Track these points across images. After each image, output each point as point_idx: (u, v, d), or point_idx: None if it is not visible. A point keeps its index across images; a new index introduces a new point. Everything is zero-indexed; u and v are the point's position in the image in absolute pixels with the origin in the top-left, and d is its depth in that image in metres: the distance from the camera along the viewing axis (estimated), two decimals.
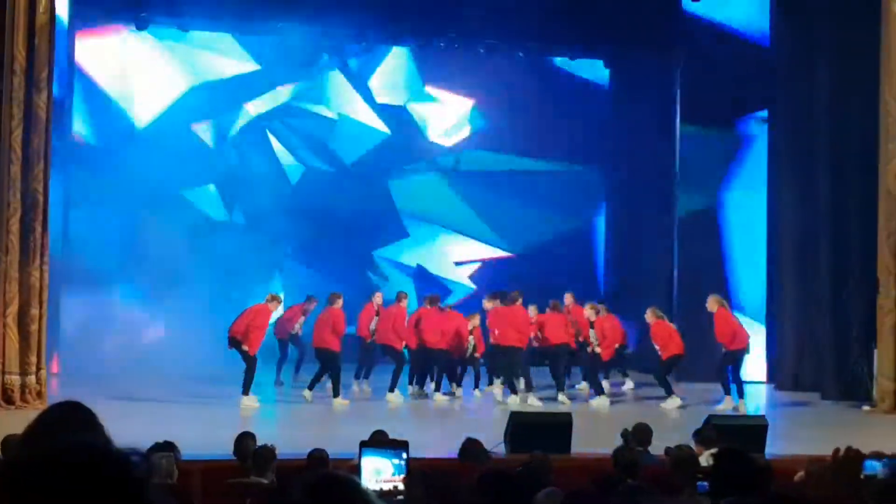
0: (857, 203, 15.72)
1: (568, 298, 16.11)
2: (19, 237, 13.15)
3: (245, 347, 13.75)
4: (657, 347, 14.67)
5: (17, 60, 13.03)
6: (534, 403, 14.05)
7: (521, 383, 14.81)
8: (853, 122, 15.77)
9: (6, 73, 13.03)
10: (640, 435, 8.70)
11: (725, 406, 13.95)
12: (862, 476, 4.31)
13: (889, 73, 14.28)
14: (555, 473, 6.65)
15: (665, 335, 14.69)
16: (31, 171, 13.17)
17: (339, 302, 14.48)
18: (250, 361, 13.75)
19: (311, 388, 14.27)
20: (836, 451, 4.75)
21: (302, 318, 16.14)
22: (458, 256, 20.67)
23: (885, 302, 14.31)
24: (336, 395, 14.13)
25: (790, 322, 17.20)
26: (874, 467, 5.66)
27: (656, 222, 19.57)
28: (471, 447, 8.07)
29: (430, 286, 18.65)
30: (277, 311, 15.13)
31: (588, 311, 15.23)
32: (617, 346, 15.14)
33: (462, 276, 20.54)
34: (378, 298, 15.60)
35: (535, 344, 15.18)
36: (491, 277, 19.76)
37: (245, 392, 13.69)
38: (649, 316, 14.89)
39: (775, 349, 17.52)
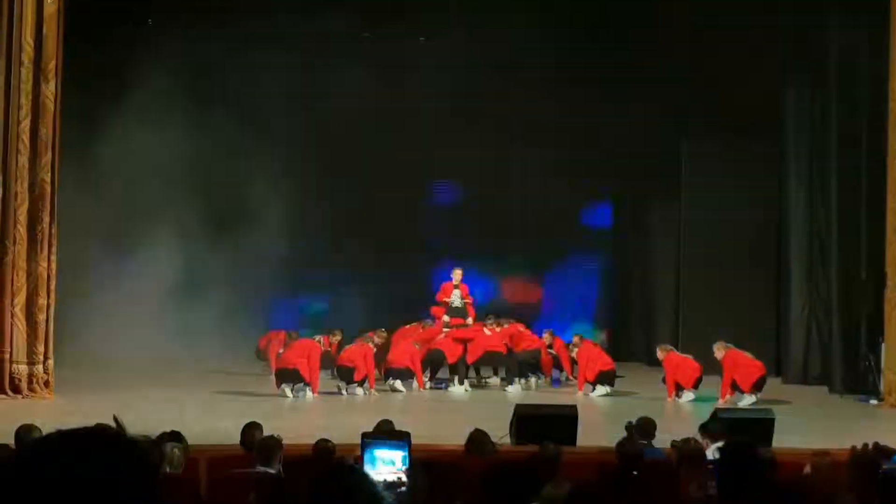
0: (866, 196, 15.69)
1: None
2: (27, 227, 13.18)
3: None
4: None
5: (25, 51, 13.04)
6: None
7: None
8: (862, 116, 15.73)
9: (14, 63, 13.04)
10: (644, 428, 8.67)
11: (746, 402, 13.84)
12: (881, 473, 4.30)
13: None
14: (561, 466, 6.65)
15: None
16: (39, 161, 13.19)
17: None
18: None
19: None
20: (854, 448, 4.75)
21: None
22: None
23: (892, 296, 14.27)
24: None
25: (798, 315, 17.18)
26: None
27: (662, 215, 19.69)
28: (477, 438, 8.05)
29: None
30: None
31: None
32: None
33: None
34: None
35: None
36: None
37: None
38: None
39: (783, 343, 17.54)
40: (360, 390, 14.62)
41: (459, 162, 19.09)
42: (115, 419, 1.71)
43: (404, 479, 4.05)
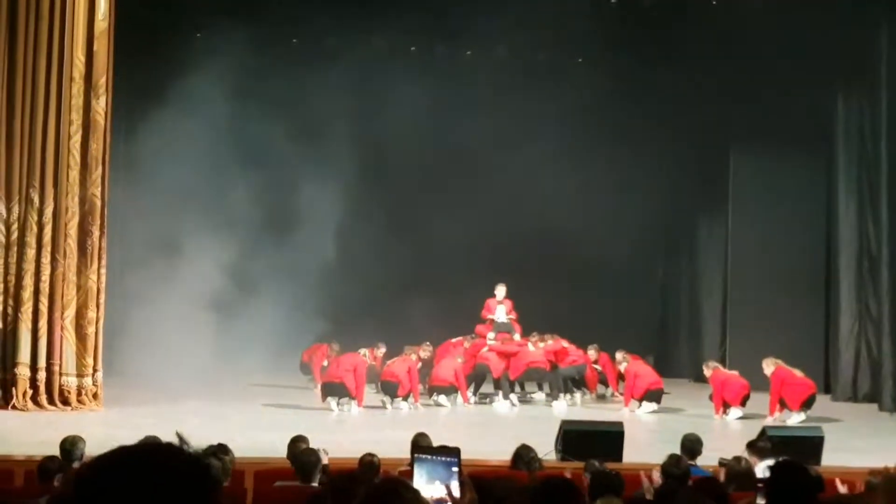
0: None
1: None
2: (77, 241, 13.35)
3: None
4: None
5: (76, 67, 13.24)
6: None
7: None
8: None
9: (65, 79, 13.24)
10: (689, 446, 8.58)
11: (794, 420, 13.70)
12: None
13: None
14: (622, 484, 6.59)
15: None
16: (90, 176, 13.36)
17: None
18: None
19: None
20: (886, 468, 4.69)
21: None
22: None
23: None
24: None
25: (848, 332, 16.98)
26: None
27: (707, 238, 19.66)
28: (524, 454, 8.01)
29: None
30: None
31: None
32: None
33: None
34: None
35: None
36: None
37: None
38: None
39: (833, 360, 17.34)
40: (404, 405, 14.63)
41: (507, 176, 19.07)
42: (179, 435, 1.72)
43: (455, 494, 4.04)
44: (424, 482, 4.00)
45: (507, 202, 19.38)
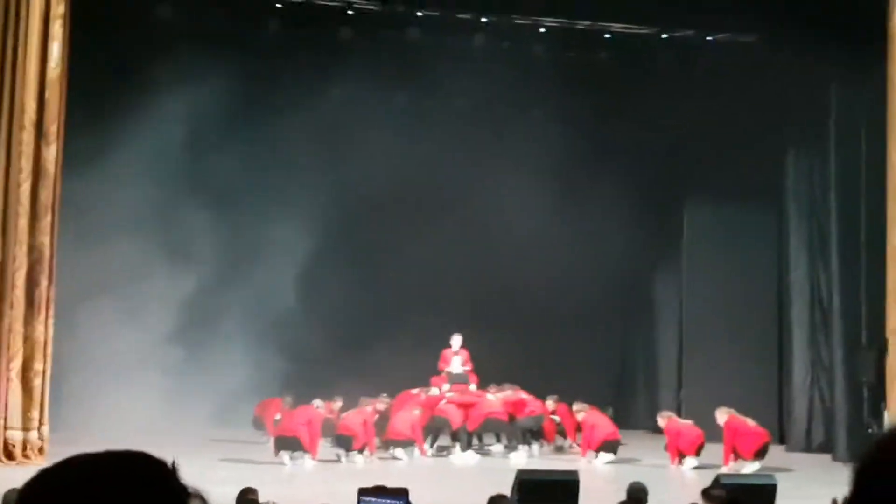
0: (866, 264, 15.67)
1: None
2: (24, 291, 13.11)
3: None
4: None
5: (27, 114, 13.07)
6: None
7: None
8: (861, 185, 15.77)
9: (15, 126, 13.08)
10: (634, 495, 8.57)
11: (748, 469, 13.71)
12: None
13: (893, 131, 14.24)
14: None
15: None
16: (39, 224, 13.15)
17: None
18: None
19: None
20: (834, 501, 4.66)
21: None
22: None
23: (893, 363, 14.17)
24: None
25: (801, 383, 17.08)
26: None
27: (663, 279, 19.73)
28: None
29: None
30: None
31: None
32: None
33: None
34: None
35: None
36: None
37: None
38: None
39: (786, 410, 17.40)
40: (359, 458, 14.45)
41: (464, 227, 19.03)
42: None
43: None
44: None
45: (466, 253, 19.34)
